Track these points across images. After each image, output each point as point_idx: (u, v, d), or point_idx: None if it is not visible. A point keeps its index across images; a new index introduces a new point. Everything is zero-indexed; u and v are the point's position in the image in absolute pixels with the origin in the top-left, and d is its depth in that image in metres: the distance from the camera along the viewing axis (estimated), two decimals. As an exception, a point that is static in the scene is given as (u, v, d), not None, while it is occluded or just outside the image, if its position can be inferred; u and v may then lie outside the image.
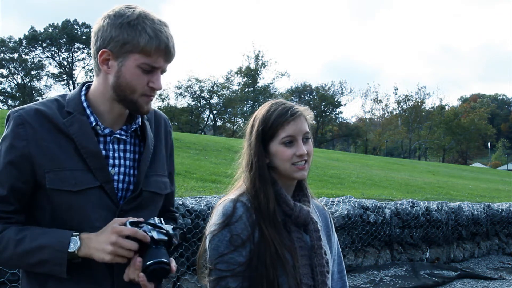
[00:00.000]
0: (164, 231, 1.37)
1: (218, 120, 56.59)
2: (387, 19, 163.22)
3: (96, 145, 1.42)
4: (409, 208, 7.04)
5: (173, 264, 1.37)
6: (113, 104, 1.46)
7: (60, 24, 52.77)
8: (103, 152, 1.44)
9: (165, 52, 1.40)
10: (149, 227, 1.35)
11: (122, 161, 1.48)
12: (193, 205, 4.56)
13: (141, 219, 1.38)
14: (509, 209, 8.54)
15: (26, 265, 1.37)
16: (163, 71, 1.45)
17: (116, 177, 1.45)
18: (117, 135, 1.48)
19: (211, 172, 8.80)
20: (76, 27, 53.13)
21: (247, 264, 1.53)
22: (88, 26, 53.10)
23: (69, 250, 1.31)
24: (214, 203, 4.73)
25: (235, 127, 56.70)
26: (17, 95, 51.32)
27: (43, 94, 52.35)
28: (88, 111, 1.44)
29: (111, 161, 1.45)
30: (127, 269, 1.35)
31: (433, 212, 7.30)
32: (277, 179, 1.63)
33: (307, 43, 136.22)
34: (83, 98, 1.47)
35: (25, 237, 1.34)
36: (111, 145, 1.47)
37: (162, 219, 1.42)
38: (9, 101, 51.85)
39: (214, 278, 1.53)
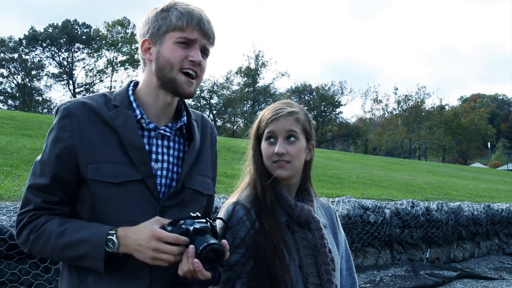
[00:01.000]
0: (204, 221, 1.38)
1: (218, 120, 56.59)
2: (387, 19, 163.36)
3: (140, 138, 1.42)
4: (409, 208, 7.04)
5: (225, 244, 1.35)
6: (159, 93, 1.47)
7: (60, 24, 52.71)
8: (147, 147, 1.44)
9: (200, 26, 1.44)
10: (189, 220, 1.36)
11: (165, 157, 1.48)
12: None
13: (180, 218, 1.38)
14: (509, 209, 8.54)
15: (67, 258, 1.39)
16: (204, 49, 1.47)
17: (159, 172, 1.45)
18: (161, 131, 1.48)
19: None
20: (76, 27, 53.04)
21: (248, 261, 1.56)
22: (88, 26, 53.09)
23: (107, 249, 1.32)
24: (214, 203, 4.73)
25: (235, 127, 56.73)
26: (17, 95, 51.31)
27: (43, 94, 52.42)
28: (134, 105, 1.46)
29: (154, 156, 1.45)
30: (180, 264, 1.34)
31: (433, 212, 7.30)
32: (278, 180, 1.65)
33: (307, 43, 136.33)
34: (130, 92, 1.49)
35: (66, 229, 1.36)
36: (154, 140, 1.47)
37: (198, 213, 1.42)
38: (9, 101, 51.87)
39: (221, 281, 1.56)
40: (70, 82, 52.68)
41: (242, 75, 55.29)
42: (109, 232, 1.33)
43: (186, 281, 1.36)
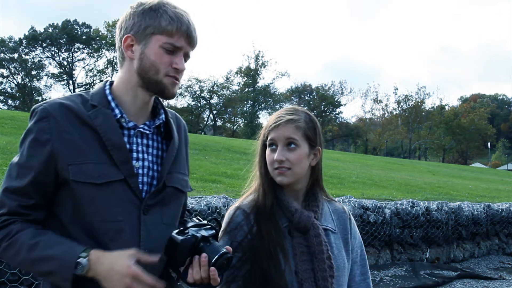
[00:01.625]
0: (209, 226, 1.41)
1: (218, 120, 56.64)
2: (387, 19, 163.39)
3: (121, 137, 1.42)
4: (409, 208, 7.04)
5: (230, 250, 1.40)
6: (138, 91, 1.47)
7: (60, 24, 52.73)
8: (127, 146, 1.44)
9: (187, 34, 1.44)
10: (194, 228, 1.38)
11: (146, 156, 1.47)
12: (193, 205, 4.56)
13: (185, 226, 1.40)
14: (509, 209, 8.55)
15: (35, 271, 1.38)
16: (186, 55, 1.48)
17: (140, 171, 1.44)
18: (141, 129, 1.47)
19: (211, 172, 8.80)
20: (76, 27, 53.05)
21: (244, 265, 1.59)
22: (88, 26, 53.11)
23: (75, 272, 1.29)
24: (214, 203, 4.74)
25: (235, 127, 56.76)
26: (17, 95, 51.33)
27: (43, 94, 52.36)
28: (113, 104, 1.45)
29: (134, 155, 1.45)
30: (190, 270, 1.36)
31: (433, 212, 7.30)
32: (283, 186, 1.68)
33: (307, 43, 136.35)
34: (107, 91, 1.48)
35: (39, 243, 1.33)
36: (134, 139, 1.46)
37: (199, 217, 1.44)
38: (9, 101, 51.88)
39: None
40: (70, 82, 52.69)
41: (242, 75, 55.30)
42: (80, 254, 1.30)
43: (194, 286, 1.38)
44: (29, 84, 51.62)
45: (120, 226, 1.37)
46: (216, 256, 1.33)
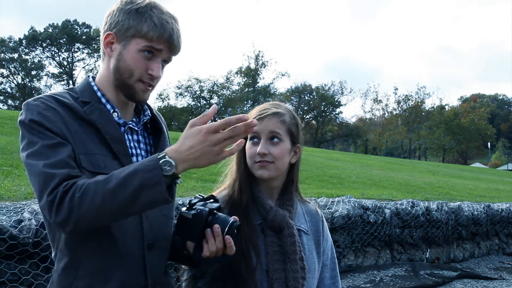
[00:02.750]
0: (212, 200, 1.44)
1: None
2: (387, 19, 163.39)
3: (119, 131, 1.41)
4: (409, 208, 7.04)
5: (237, 218, 1.40)
6: (117, 90, 1.46)
7: (60, 24, 52.75)
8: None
9: (169, 42, 1.41)
10: (200, 203, 1.41)
11: (138, 151, 1.48)
12: (193, 205, 4.56)
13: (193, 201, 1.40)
14: (509, 209, 8.54)
15: (121, 202, 1.19)
16: (165, 61, 1.46)
17: None
18: (131, 125, 1.47)
19: (211, 172, 8.79)
20: (76, 27, 53.07)
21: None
22: (88, 26, 53.11)
23: (166, 173, 1.19)
24: (214, 203, 4.74)
25: (235, 127, 56.63)
26: (17, 95, 51.30)
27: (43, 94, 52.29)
28: (103, 100, 1.44)
29: (129, 151, 1.45)
30: (204, 244, 1.35)
31: (433, 212, 7.30)
32: (259, 181, 1.66)
33: (307, 43, 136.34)
34: (95, 88, 1.46)
35: (112, 175, 1.22)
36: (125, 135, 1.46)
37: (200, 194, 1.46)
38: (9, 101, 51.87)
39: (186, 278, 1.61)
40: (70, 82, 52.66)
41: (242, 75, 55.30)
42: (159, 156, 1.21)
43: (208, 261, 1.40)
44: (29, 84, 51.62)
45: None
46: (228, 225, 1.35)
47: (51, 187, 1.22)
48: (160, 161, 1.20)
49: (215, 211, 1.39)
